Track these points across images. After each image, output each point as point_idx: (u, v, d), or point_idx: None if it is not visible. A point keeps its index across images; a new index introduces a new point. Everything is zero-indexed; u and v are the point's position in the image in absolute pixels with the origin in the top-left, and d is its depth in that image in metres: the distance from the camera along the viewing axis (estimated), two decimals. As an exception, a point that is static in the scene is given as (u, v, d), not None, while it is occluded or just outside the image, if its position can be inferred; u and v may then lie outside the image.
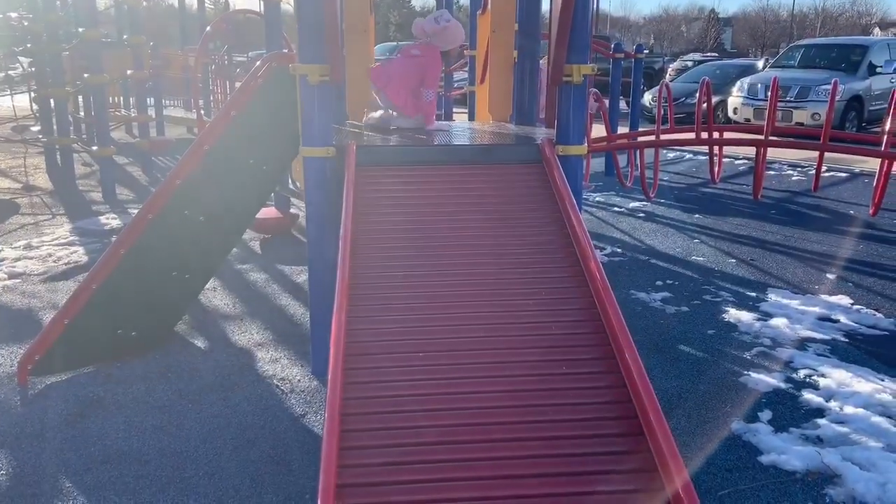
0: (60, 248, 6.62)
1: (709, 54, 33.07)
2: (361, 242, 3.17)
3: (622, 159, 9.30)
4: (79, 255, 6.40)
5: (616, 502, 2.10)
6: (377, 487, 2.14)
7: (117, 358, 4.30)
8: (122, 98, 14.38)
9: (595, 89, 7.04)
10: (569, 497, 2.11)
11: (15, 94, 13.86)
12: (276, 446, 3.42)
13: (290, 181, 6.96)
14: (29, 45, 10.57)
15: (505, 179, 3.63)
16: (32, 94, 11.76)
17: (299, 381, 4.09)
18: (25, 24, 10.33)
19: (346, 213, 3.20)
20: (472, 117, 6.24)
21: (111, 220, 7.70)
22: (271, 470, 3.23)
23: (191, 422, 3.65)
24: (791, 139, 7.93)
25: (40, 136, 10.91)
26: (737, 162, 11.12)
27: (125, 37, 12.06)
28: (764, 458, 3.26)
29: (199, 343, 4.64)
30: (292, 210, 7.48)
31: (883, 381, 3.95)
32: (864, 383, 3.89)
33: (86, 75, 9.06)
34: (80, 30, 9.27)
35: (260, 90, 4.27)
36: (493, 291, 2.93)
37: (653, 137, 7.10)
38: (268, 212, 7.14)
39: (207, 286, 5.48)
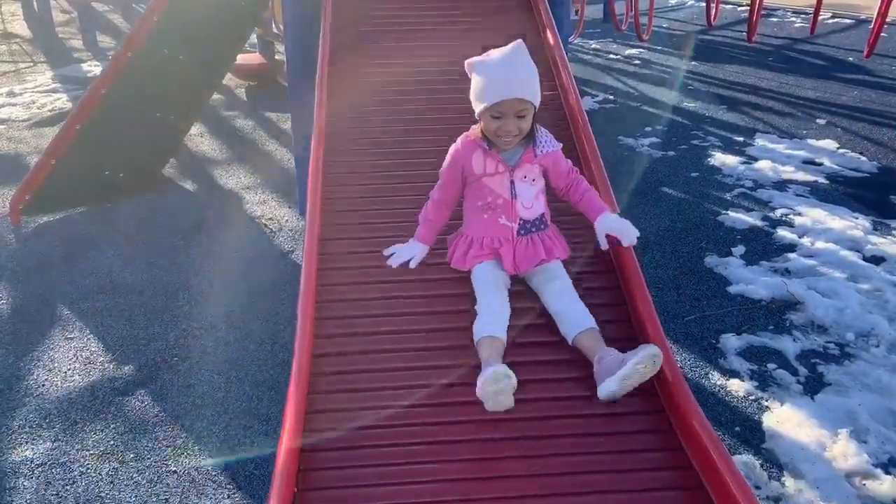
0: (43, 95, 6.52)
1: None
2: (338, 69, 3.09)
3: (620, 6, 8.97)
4: (62, 102, 6.32)
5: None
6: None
7: (107, 199, 4.36)
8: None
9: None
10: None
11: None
12: (266, 279, 3.55)
13: (273, 25, 6.75)
14: None
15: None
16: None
17: (287, 220, 4.17)
18: None
19: (324, 36, 3.11)
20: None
21: (94, 68, 7.52)
22: (261, 299, 3.37)
23: (182, 257, 3.76)
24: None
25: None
26: (739, 9, 10.73)
27: None
28: (732, 288, 3.40)
29: (188, 186, 4.69)
30: (277, 56, 7.30)
31: (857, 218, 4.04)
32: (838, 221, 3.98)
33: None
34: None
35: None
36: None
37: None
38: (252, 58, 6.98)
39: (194, 132, 5.47)
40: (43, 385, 2.81)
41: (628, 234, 2.07)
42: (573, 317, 1.96)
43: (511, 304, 2.03)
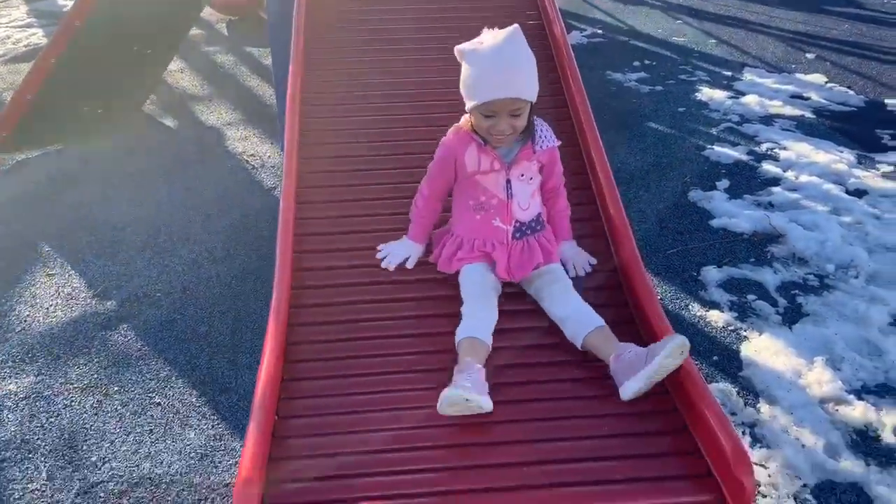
0: (18, 30, 6.34)
1: None
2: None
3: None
4: (38, 37, 6.14)
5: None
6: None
7: (86, 136, 4.29)
8: None
9: None
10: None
11: None
12: (248, 215, 3.53)
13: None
14: None
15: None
16: None
17: (269, 157, 4.12)
18: None
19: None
20: None
21: (69, 1, 7.29)
22: (243, 236, 3.35)
23: (163, 194, 3.72)
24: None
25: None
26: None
27: None
28: (715, 222, 3.41)
29: (169, 122, 4.61)
30: (259, -11, 7.10)
31: (842, 152, 4.03)
32: (823, 155, 3.97)
33: None
34: None
35: None
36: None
37: None
38: (233, -9, 6.77)
39: (174, 67, 5.36)
40: (25, 321, 2.81)
41: (581, 264, 2.01)
42: (580, 319, 1.78)
43: (504, 309, 1.87)
